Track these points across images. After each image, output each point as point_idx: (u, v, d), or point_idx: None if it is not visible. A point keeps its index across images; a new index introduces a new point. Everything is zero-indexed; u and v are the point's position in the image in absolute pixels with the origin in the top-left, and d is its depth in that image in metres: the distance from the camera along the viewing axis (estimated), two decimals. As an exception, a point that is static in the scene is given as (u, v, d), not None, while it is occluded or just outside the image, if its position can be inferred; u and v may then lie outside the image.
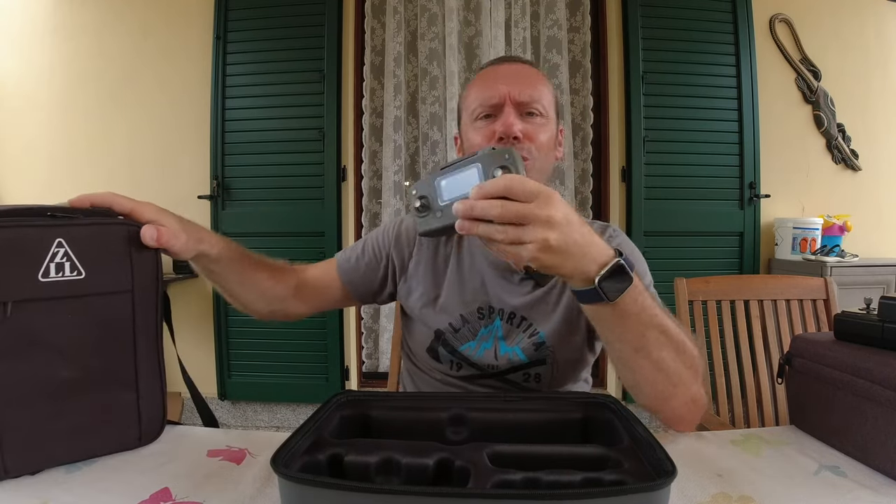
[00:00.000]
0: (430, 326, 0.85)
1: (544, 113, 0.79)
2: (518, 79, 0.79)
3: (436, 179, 0.55)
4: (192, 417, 2.27)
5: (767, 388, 1.19)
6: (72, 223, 0.60)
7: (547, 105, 0.80)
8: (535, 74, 0.82)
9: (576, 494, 0.40)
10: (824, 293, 1.23)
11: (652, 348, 0.60)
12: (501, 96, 0.77)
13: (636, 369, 0.62)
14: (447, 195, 0.54)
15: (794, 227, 2.33)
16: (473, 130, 0.80)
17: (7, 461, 0.55)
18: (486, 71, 0.84)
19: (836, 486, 0.56)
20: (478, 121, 0.80)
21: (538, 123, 0.78)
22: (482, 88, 0.80)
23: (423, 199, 0.55)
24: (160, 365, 0.68)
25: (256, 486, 0.55)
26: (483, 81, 0.81)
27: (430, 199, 0.55)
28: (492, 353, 0.83)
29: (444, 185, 0.54)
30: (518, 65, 0.84)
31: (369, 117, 2.54)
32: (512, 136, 0.75)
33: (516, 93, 0.77)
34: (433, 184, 0.55)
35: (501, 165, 0.51)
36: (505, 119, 0.76)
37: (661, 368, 0.61)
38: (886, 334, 0.61)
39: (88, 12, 2.51)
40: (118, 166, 2.50)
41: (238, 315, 2.39)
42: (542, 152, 0.78)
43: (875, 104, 2.55)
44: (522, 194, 0.48)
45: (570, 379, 0.86)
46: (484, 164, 0.52)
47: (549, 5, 2.51)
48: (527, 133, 0.76)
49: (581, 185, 2.59)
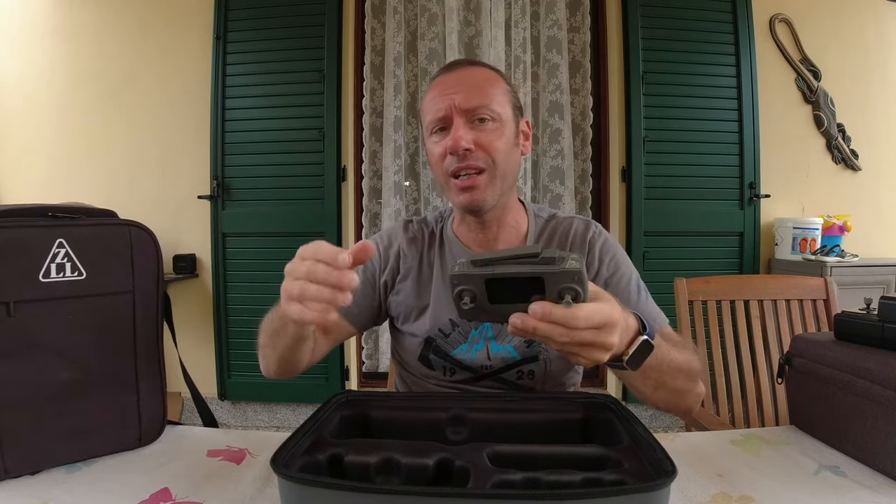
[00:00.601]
0: (420, 335, 0.85)
1: (496, 117, 0.77)
2: (463, 86, 0.77)
3: (485, 279, 0.48)
4: (192, 417, 2.27)
5: (767, 388, 1.19)
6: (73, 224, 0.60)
7: (499, 107, 0.78)
8: (482, 77, 0.80)
9: (576, 494, 0.40)
10: (824, 293, 1.23)
11: (668, 381, 0.65)
12: (447, 108, 0.76)
13: (656, 399, 0.68)
14: (499, 297, 0.49)
15: (794, 227, 2.33)
16: (431, 144, 0.80)
17: (7, 461, 0.55)
18: (436, 81, 0.81)
19: (836, 486, 0.56)
20: (433, 135, 0.79)
21: (490, 129, 0.76)
22: (431, 101, 0.79)
23: (469, 293, 0.49)
24: (160, 365, 0.68)
25: (256, 486, 0.55)
26: (432, 93, 0.80)
27: (478, 295, 0.49)
28: (484, 354, 0.83)
29: (496, 287, 0.49)
30: (465, 70, 0.80)
31: (369, 117, 2.54)
32: (461, 150, 0.74)
33: (463, 102, 0.75)
34: (481, 281, 0.49)
35: (569, 287, 0.46)
36: (454, 133, 0.75)
37: (677, 391, 0.67)
38: (886, 334, 0.61)
39: (88, 12, 2.51)
40: (118, 166, 2.50)
41: (238, 315, 2.40)
42: (502, 156, 0.77)
43: (875, 104, 2.55)
44: (591, 326, 0.46)
45: (563, 374, 0.87)
46: (549, 280, 0.47)
47: (549, 5, 2.51)
48: (479, 142, 0.75)
49: (581, 185, 2.59)
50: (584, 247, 0.84)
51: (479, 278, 0.49)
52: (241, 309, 2.40)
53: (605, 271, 0.83)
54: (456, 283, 0.50)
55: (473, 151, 0.75)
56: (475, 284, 0.49)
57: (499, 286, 0.48)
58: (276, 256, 2.46)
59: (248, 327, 2.39)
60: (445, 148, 0.76)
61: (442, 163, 0.77)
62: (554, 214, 0.90)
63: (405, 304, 0.86)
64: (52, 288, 0.58)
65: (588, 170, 2.55)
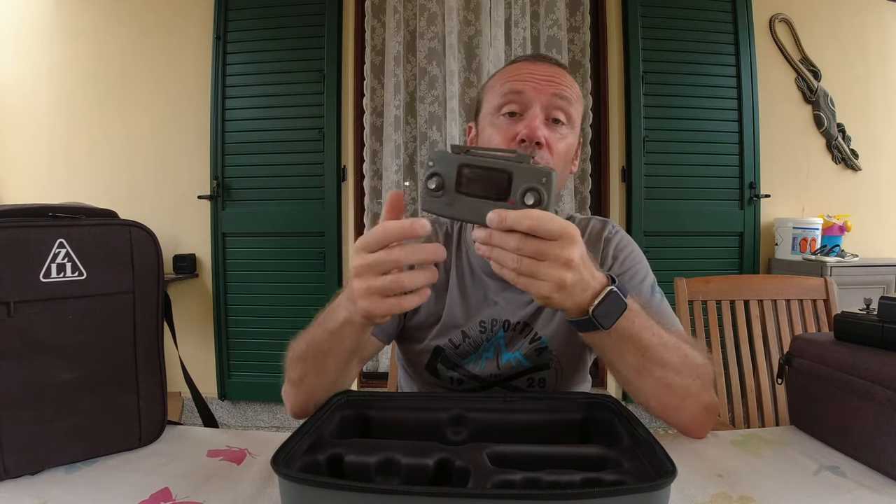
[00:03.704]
0: (430, 345, 0.81)
1: (570, 122, 0.74)
2: (552, 82, 0.73)
3: (458, 163, 0.49)
4: (192, 417, 2.27)
5: (767, 388, 1.19)
6: (73, 224, 0.60)
7: (575, 115, 0.75)
8: (570, 81, 0.76)
9: (576, 494, 0.40)
10: (824, 293, 1.23)
11: (654, 368, 0.59)
12: (533, 91, 0.72)
13: (641, 388, 0.62)
14: (466, 187, 0.49)
15: (794, 227, 2.33)
16: (493, 127, 0.75)
17: (7, 461, 0.55)
18: (519, 65, 0.77)
19: (836, 486, 0.56)
20: (500, 117, 0.74)
21: (561, 133, 0.73)
22: (514, 83, 0.74)
23: (438, 178, 0.50)
24: (160, 365, 0.68)
25: (256, 486, 0.55)
26: (515, 76, 0.75)
27: (446, 180, 0.50)
28: (494, 363, 0.80)
29: (466, 174, 0.49)
30: (555, 67, 0.76)
31: (370, 116, 2.54)
32: (535, 141, 0.70)
33: (548, 96, 0.72)
34: (454, 166, 0.49)
35: (533, 188, 0.47)
36: (530, 121, 0.70)
37: (666, 384, 0.61)
38: (886, 334, 0.61)
39: (88, 13, 2.51)
40: (118, 166, 2.50)
41: (238, 315, 2.40)
42: (560, 164, 0.73)
43: (875, 104, 2.55)
44: (545, 233, 0.46)
45: (575, 382, 0.85)
46: (517, 175, 0.47)
47: (548, 5, 2.51)
48: (548, 141, 0.71)
49: (581, 185, 2.59)
50: (600, 244, 0.81)
51: (453, 161, 0.49)
52: (241, 309, 2.40)
53: (616, 268, 0.79)
54: (430, 165, 0.50)
55: (542, 148, 0.71)
56: (448, 168, 0.50)
57: (469, 176, 0.49)
58: (276, 256, 2.48)
59: (247, 327, 2.39)
60: (515, 133, 0.71)
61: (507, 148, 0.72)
62: (572, 216, 0.88)
63: (420, 314, 0.81)
64: (52, 288, 0.58)
65: (588, 170, 2.55)
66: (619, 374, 0.62)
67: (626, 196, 2.40)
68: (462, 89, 2.50)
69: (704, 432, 0.68)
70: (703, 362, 0.64)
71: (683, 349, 0.62)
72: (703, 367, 0.64)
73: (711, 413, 0.66)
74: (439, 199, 0.50)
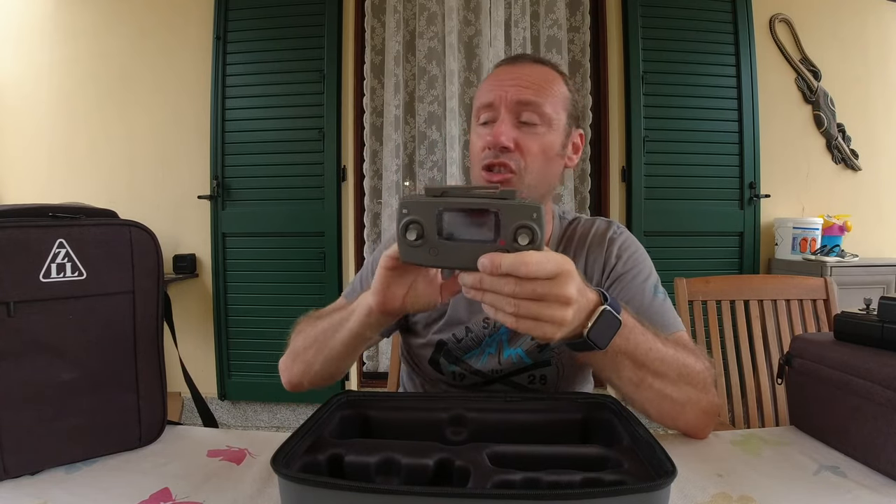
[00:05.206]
0: (433, 339, 0.83)
1: (545, 120, 0.73)
2: (520, 81, 0.73)
3: (438, 209, 0.45)
4: (193, 417, 2.27)
5: (767, 388, 1.19)
6: (73, 224, 0.60)
7: (551, 111, 0.74)
8: (542, 76, 0.75)
9: (576, 494, 0.40)
10: (824, 293, 1.23)
11: (651, 380, 0.59)
12: (497, 99, 0.73)
13: (639, 401, 0.62)
14: (449, 232, 0.45)
15: (794, 227, 2.33)
16: (475, 135, 0.77)
17: (7, 461, 0.55)
18: (496, 72, 0.78)
19: (836, 486, 0.56)
20: (479, 126, 0.76)
21: (535, 132, 0.73)
22: (484, 90, 0.76)
23: (417, 226, 0.45)
24: (160, 365, 0.68)
25: (256, 486, 0.55)
26: (487, 82, 0.77)
27: (426, 228, 0.45)
28: (495, 358, 0.81)
29: (448, 219, 0.45)
30: (526, 65, 0.76)
31: (370, 116, 2.54)
32: (499, 147, 0.71)
33: (514, 96, 0.72)
34: (433, 213, 0.45)
35: (525, 226, 0.43)
36: (497, 127, 0.72)
37: (665, 396, 0.61)
38: (886, 334, 0.61)
39: (88, 13, 2.51)
40: (118, 166, 2.50)
41: (238, 315, 2.40)
42: (537, 164, 0.73)
43: (875, 104, 2.55)
44: (544, 275, 0.44)
45: (577, 380, 0.85)
46: (505, 213, 0.44)
47: (548, 5, 2.51)
48: (519, 143, 0.72)
49: (581, 185, 2.59)
50: (604, 244, 0.81)
51: (431, 207, 0.45)
52: (241, 309, 2.40)
53: (619, 267, 0.79)
54: (404, 213, 0.46)
55: (512, 151, 0.71)
56: (425, 215, 0.45)
57: (452, 221, 0.45)
58: (276, 256, 2.49)
59: (248, 327, 2.39)
60: (485, 142, 0.72)
61: (480, 155, 0.74)
62: (577, 217, 0.88)
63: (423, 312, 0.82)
64: (52, 288, 0.58)
65: (588, 169, 2.55)
66: (617, 388, 0.62)
67: (626, 196, 2.40)
68: (462, 89, 2.50)
69: (706, 433, 0.68)
70: (701, 368, 0.64)
71: (681, 358, 0.62)
72: (702, 374, 0.64)
73: (712, 415, 0.66)
74: (420, 249, 0.46)
